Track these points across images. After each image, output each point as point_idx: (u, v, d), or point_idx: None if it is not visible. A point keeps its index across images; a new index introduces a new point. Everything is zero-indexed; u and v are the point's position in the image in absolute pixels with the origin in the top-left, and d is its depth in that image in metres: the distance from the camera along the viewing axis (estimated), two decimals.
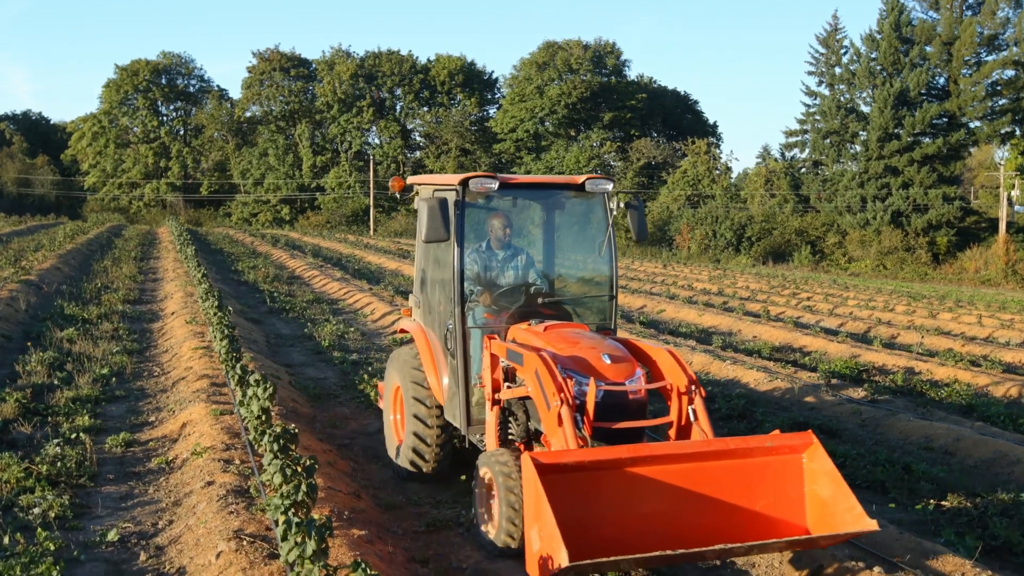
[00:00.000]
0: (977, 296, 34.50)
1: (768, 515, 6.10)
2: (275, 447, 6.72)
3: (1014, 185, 52.72)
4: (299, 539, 5.46)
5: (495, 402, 7.06)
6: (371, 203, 73.02)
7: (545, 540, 5.36)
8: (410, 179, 8.87)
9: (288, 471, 6.40)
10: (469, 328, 7.48)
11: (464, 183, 7.41)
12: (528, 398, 6.82)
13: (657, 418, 6.81)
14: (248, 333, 15.72)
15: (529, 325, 7.28)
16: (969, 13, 54.30)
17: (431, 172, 75.79)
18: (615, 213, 7.92)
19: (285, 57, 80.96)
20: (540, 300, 7.68)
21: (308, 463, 6.45)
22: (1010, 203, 54.27)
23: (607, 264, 7.98)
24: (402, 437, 8.54)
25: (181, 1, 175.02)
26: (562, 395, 6.14)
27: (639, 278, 34.76)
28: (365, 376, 12.64)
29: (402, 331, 9.11)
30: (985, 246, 50.76)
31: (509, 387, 7.02)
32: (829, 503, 6.04)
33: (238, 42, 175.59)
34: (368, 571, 4.70)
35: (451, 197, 7.50)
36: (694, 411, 6.49)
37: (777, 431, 6.43)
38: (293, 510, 5.90)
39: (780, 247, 55.86)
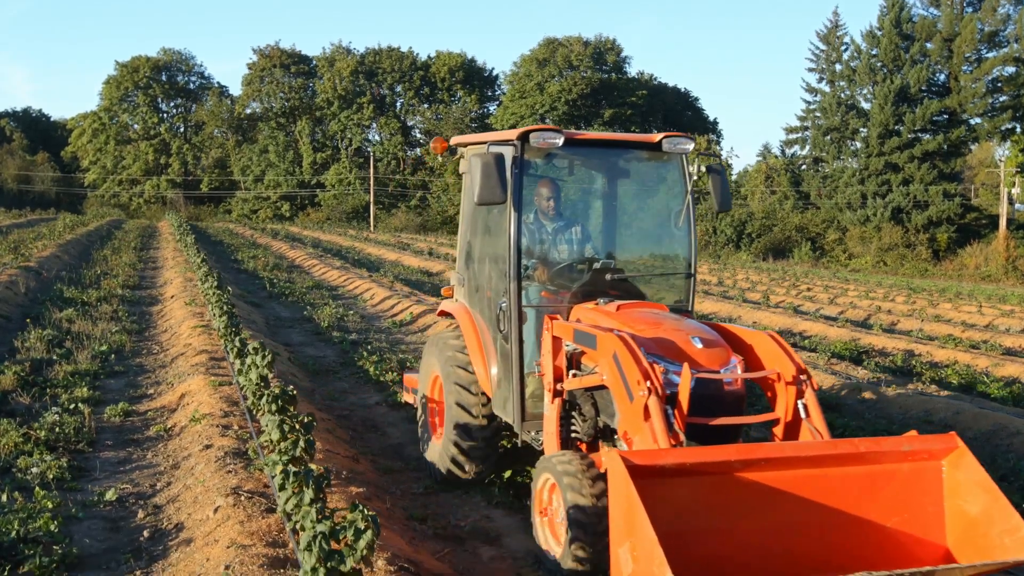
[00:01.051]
0: (977, 290, 34.47)
1: (902, 534, 5.07)
2: (273, 407, 6.72)
3: (1015, 183, 52.70)
4: (296, 487, 5.46)
5: (556, 393, 6.13)
6: (371, 200, 73.01)
7: (641, 561, 4.34)
8: (454, 139, 7.79)
9: (286, 427, 6.40)
10: (524, 308, 6.57)
11: (524, 137, 6.49)
12: (600, 388, 5.90)
13: (748, 414, 5.78)
14: (247, 315, 15.71)
15: (596, 304, 6.38)
16: (970, 10, 54.30)
17: (432, 168, 75.76)
18: (694, 178, 7.00)
19: (285, 54, 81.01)
20: (608, 277, 6.63)
21: (306, 420, 6.45)
22: (1011, 201, 54.25)
23: (685, 236, 7.02)
24: (440, 435, 7.55)
25: (181, 1, 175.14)
26: (650, 383, 5.19)
27: None
28: (364, 354, 12.64)
29: (443, 313, 8.04)
30: (985, 243, 50.69)
31: (576, 375, 6.08)
32: (980, 522, 4.96)
33: (238, 41, 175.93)
34: (366, 512, 4.68)
35: (508, 153, 6.55)
36: (804, 406, 5.50)
37: (914, 432, 5.35)
38: (291, 465, 5.90)
39: (780, 244, 55.83)
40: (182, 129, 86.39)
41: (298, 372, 11.63)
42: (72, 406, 9.20)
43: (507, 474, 7.59)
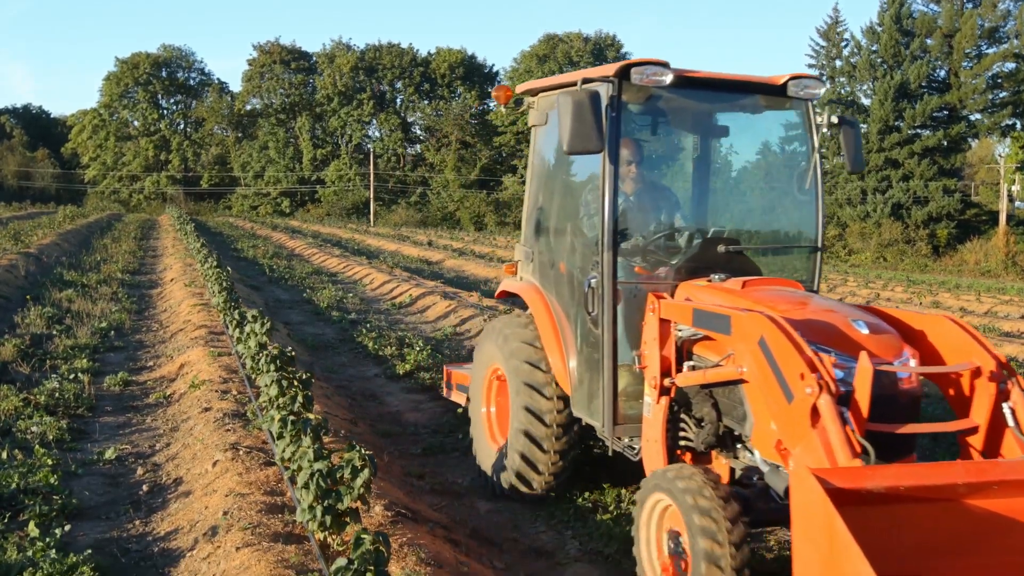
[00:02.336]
0: (977, 284, 34.50)
1: None
2: (272, 367, 6.76)
3: (1015, 181, 52.74)
4: (294, 435, 5.49)
5: (663, 391, 5.00)
6: (371, 195, 73.04)
7: None
8: (522, 86, 6.42)
9: (284, 383, 6.44)
10: (619, 285, 5.37)
11: (623, 73, 5.27)
12: (727, 385, 4.75)
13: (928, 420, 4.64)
14: (247, 296, 15.72)
15: (710, 281, 5.21)
16: (970, 5, 54.32)
17: (432, 164, 75.76)
18: (823, 132, 5.76)
19: (285, 50, 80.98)
20: (721, 249, 5.43)
21: (304, 376, 6.49)
22: (1010, 198, 54.29)
23: (809, 202, 5.85)
24: (501, 440, 6.49)
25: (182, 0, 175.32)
26: (818, 377, 3.98)
27: None
28: (363, 331, 12.67)
29: (503, 294, 6.79)
30: (985, 238, 50.71)
31: (694, 368, 4.96)
32: None
33: (238, 38, 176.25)
34: (362, 452, 4.71)
35: (604, 92, 5.32)
36: (1012, 410, 4.23)
37: None
38: (291, 418, 5.93)
39: None
40: (182, 125, 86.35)
41: (297, 347, 11.65)
42: (72, 376, 9.23)
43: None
